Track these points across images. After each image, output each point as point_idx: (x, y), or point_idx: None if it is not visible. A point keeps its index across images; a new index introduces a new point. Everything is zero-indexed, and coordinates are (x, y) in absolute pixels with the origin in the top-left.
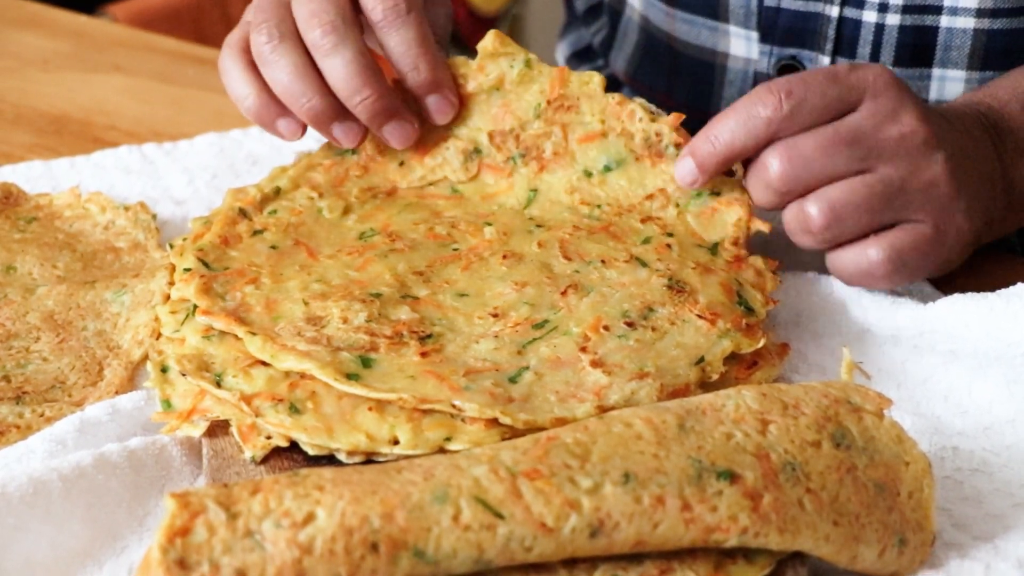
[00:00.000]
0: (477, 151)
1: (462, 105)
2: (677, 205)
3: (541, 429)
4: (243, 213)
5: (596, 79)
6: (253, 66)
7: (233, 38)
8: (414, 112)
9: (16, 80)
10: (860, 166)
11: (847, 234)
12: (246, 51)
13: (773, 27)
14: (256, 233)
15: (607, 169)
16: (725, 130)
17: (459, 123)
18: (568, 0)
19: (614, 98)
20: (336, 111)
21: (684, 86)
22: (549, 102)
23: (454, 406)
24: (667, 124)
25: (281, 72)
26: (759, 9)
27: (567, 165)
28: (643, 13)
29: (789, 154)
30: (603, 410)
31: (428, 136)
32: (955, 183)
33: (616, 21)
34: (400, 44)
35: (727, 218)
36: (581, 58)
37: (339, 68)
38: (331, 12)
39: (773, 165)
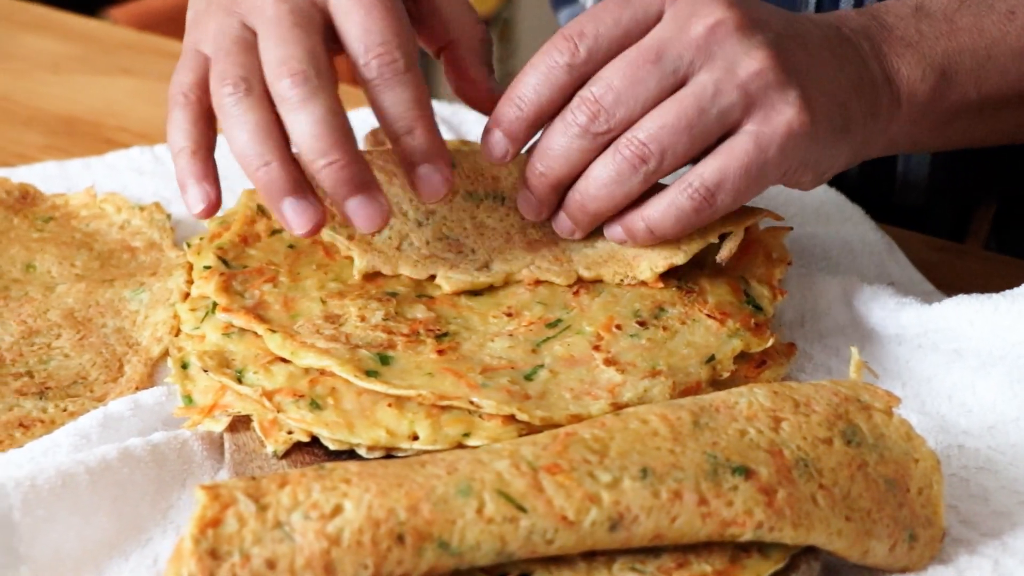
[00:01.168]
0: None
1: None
2: None
3: (557, 425)
4: (261, 211)
5: None
6: (205, 118)
7: (183, 81)
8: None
9: (27, 82)
10: (673, 80)
11: (672, 163)
12: (198, 101)
13: None
14: (275, 232)
15: None
16: (527, 89)
17: None
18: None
19: None
20: (293, 184)
21: None
22: None
23: (472, 403)
24: None
25: (241, 129)
26: None
27: None
28: None
29: (597, 91)
30: (617, 407)
31: None
32: (780, 70)
33: None
34: (395, 105)
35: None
36: None
37: (306, 125)
38: (303, 60)
39: (583, 109)
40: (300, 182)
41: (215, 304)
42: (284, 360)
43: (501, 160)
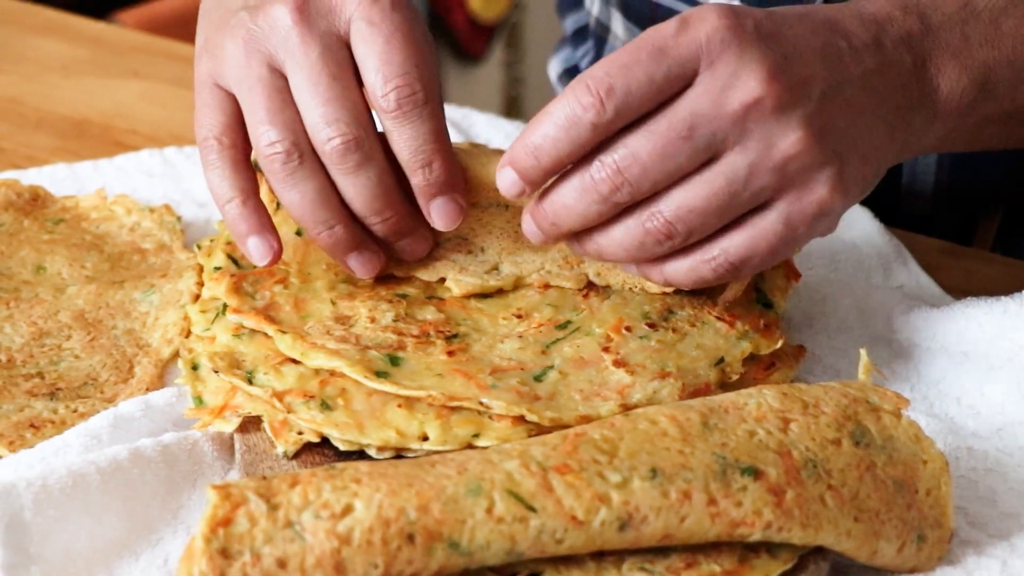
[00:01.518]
0: None
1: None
2: None
3: (566, 426)
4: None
5: None
6: (237, 167)
7: (212, 124)
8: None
9: (37, 85)
10: (705, 156)
11: (698, 239)
12: (233, 146)
13: None
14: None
15: None
16: (547, 142)
17: None
18: (561, 18)
19: None
20: (356, 240)
21: None
22: None
23: (482, 403)
24: None
25: (302, 197)
26: None
27: None
28: (625, 41)
29: (622, 162)
30: (626, 408)
31: None
32: (815, 148)
33: (601, 46)
34: (414, 139)
35: None
36: (572, 76)
37: (363, 189)
38: (351, 123)
39: (607, 181)
40: (362, 237)
41: (225, 305)
42: (294, 361)
43: (517, 197)
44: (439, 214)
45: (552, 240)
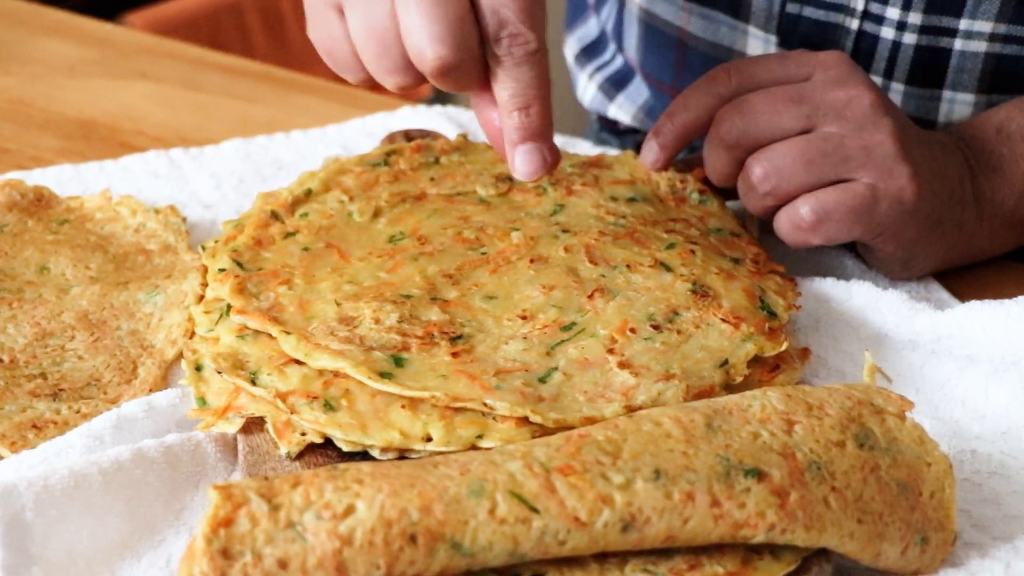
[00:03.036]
0: (509, 178)
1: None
2: (699, 231)
3: (570, 428)
4: (275, 216)
5: (630, 153)
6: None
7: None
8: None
9: (44, 86)
10: (805, 123)
11: (787, 190)
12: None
13: (792, 33)
14: (288, 235)
15: (632, 200)
16: (680, 108)
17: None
18: None
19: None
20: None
21: (693, 80)
22: (583, 163)
23: (486, 404)
24: (692, 176)
25: (533, 76)
26: (780, 14)
27: (595, 193)
28: (646, 7)
29: (739, 108)
30: (631, 410)
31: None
32: (901, 147)
33: (622, 8)
34: (519, 81)
35: (746, 254)
36: (590, 53)
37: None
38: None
39: (723, 122)
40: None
41: (229, 306)
42: (298, 362)
43: (654, 166)
44: (525, 160)
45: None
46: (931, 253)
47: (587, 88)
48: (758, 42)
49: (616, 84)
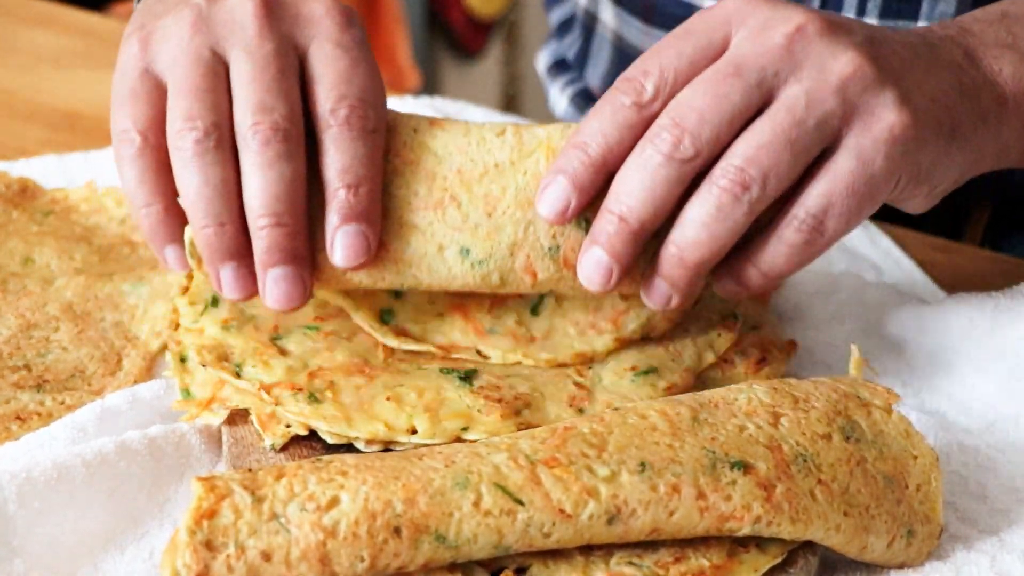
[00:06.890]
0: None
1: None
2: None
3: (563, 366)
4: None
5: None
6: (162, 168)
7: (138, 117)
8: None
9: (29, 77)
10: (759, 95)
11: (781, 183)
12: (160, 147)
13: None
14: None
15: None
16: (593, 133)
17: None
18: (547, 11)
19: None
20: (239, 249)
21: None
22: None
23: (479, 352)
24: None
25: (203, 183)
26: None
27: None
28: (616, 31)
29: (678, 113)
30: (621, 342)
31: None
32: (874, 67)
33: (589, 36)
34: (353, 157)
35: None
36: (559, 69)
37: (272, 184)
38: (287, 118)
39: (660, 141)
40: (247, 248)
41: (214, 298)
42: (283, 354)
43: (562, 218)
44: (345, 243)
45: (620, 247)
46: (956, 165)
47: (559, 100)
48: None
49: (588, 98)
